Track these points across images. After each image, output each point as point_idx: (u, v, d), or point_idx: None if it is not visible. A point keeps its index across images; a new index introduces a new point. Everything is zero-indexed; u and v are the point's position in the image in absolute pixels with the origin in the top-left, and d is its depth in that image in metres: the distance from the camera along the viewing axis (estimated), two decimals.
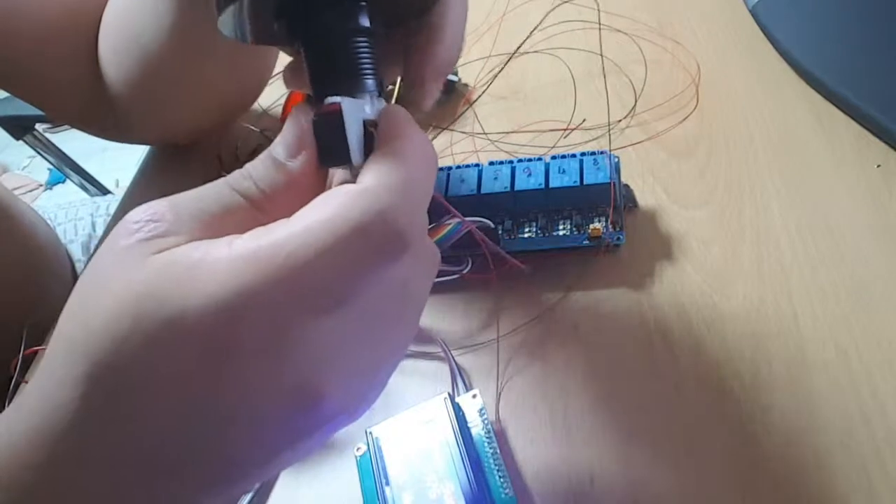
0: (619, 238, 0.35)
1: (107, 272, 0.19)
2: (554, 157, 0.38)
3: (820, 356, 0.31)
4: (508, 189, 0.37)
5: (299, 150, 0.21)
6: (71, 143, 1.21)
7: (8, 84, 0.46)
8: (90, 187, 1.20)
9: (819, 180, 0.37)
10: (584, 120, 0.44)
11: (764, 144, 0.40)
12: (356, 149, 0.21)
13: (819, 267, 0.34)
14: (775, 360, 0.31)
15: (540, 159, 0.38)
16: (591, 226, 0.36)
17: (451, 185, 0.38)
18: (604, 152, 0.37)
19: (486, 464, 0.29)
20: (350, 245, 0.18)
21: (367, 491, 0.30)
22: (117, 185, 1.74)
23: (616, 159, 0.38)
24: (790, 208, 0.36)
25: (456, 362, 0.34)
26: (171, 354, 0.17)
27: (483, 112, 0.47)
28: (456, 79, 0.49)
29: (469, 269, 0.36)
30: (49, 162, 1.18)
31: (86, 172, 1.19)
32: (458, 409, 0.31)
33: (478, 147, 0.45)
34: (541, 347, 0.34)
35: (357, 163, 0.21)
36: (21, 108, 1.04)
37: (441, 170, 0.39)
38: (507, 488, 0.29)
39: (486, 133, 0.45)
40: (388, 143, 0.21)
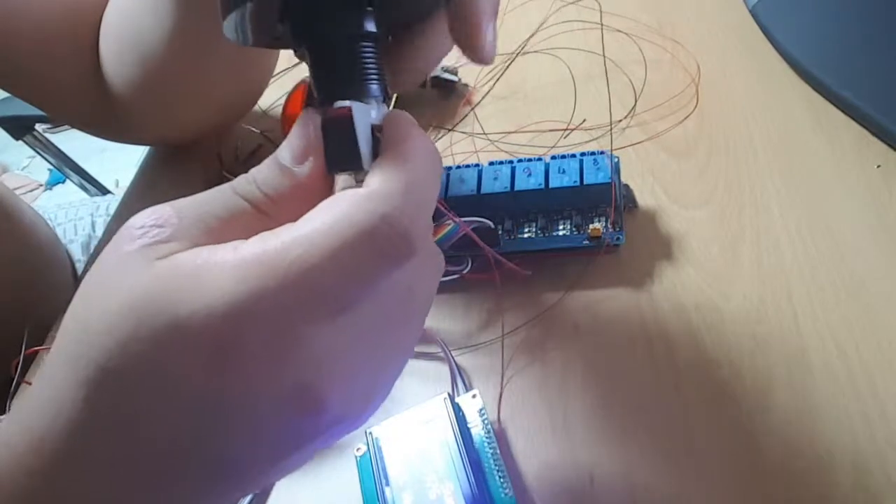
0: (618, 238, 0.35)
1: (110, 276, 0.18)
2: (554, 158, 0.38)
3: (820, 356, 0.31)
4: (508, 189, 0.37)
5: (306, 156, 0.21)
6: (71, 143, 1.21)
7: (8, 84, 0.46)
8: (90, 187, 1.20)
9: (819, 180, 0.37)
10: (584, 120, 0.44)
11: (764, 144, 0.40)
12: (366, 153, 0.21)
13: (819, 267, 0.34)
14: (775, 360, 0.31)
15: (540, 159, 0.38)
16: (590, 226, 0.36)
17: (450, 185, 0.38)
18: (604, 152, 0.37)
19: (485, 464, 0.29)
20: (356, 249, 0.18)
21: (366, 491, 0.30)
22: (117, 185, 1.74)
23: (616, 159, 0.38)
24: (790, 208, 0.36)
25: (456, 362, 0.34)
26: (174, 358, 0.17)
27: (483, 112, 0.47)
28: (456, 79, 0.49)
29: (469, 269, 0.36)
30: (49, 162, 1.18)
31: (85, 172, 1.19)
32: (458, 410, 0.31)
33: (478, 147, 0.45)
34: (541, 347, 0.34)
35: (367, 168, 0.21)
36: (21, 108, 1.04)
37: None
38: (507, 488, 0.29)
39: (486, 133, 0.45)
40: (393, 147, 0.20)
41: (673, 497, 0.28)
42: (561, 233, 0.37)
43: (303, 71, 0.48)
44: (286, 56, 0.51)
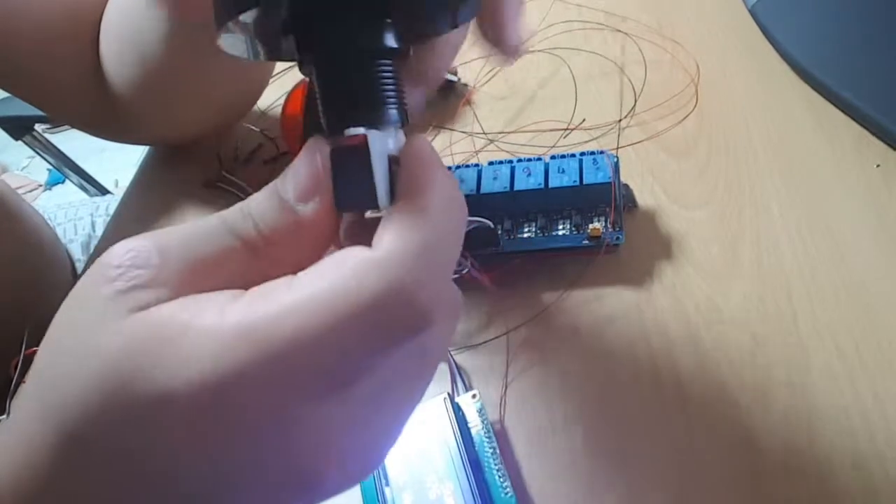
0: (618, 238, 0.35)
1: (83, 326, 0.17)
2: (553, 157, 0.38)
3: (820, 356, 0.31)
4: (508, 189, 0.37)
5: (312, 193, 0.18)
6: (70, 143, 1.21)
7: (8, 84, 0.46)
8: (89, 187, 1.20)
9: (819, 180, 0.37)
10: (584, 120, 0.44)
11: (764, 144, 0.40)
12: (382, 190, 0.18)
13: (819, 267, 0.34)
14: (775, 360, 0.31)
15: (539, 159, 0.38)
16: (590, 226, 0.36)
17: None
18: (603, 152, 0.37)
19: (485, 464, 0.29)
20: (362, 324, 0.16)
21: (366, 491, 0.30)
22: (116, 185, 1.74)
23: (615, 159, 0.38)
24: (790, 208, 0.36)
25: (456, 362, 0.34)
26: (148, 431, 0.16)
27: (483, 112, 0.47)
28: (455, 79, 0.49)
29: (469, 269, 0.36)
30: (48, 162, 1.18)
31: (85, 173, 1.19)
32: (457, 410, 0.31)
33: (477, 147, 0.45)
34: (541, 347, 0.34)
35: (383, 205, 0.18)
36: (21, 109, 1.04)
37: None
38: (507, 489, 0.29)
39: (485, 133, 0.45)
40: (411, 195, 0.17)
41: (673, 496, 0.28)
42: (560, 233, 0.37)
43: None
44: None
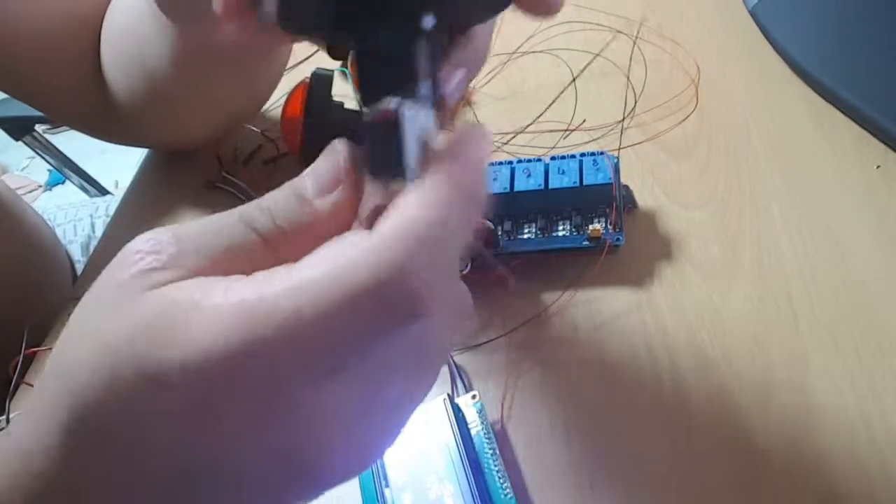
0: (618, 239, 0.35)
1: (100, 307, 0.18)
2: (553, 158, 0.38)
3: (820, 357, 0.31)
4: (508, 190, 0.37)
5: (332, 189, 0.19)
6: (70, 143, 1.21)
7: (7, 87, 0.46)
8: (90, 188, 1.20)
9: (819, 180, 0.37)
10: (584, 120, 0.44)
11: (764, 144, 0.40)
12: (413, 163, 0.19)
13: (819, 267, 0.34)
14: (775, 360, 0.31)
15: (539, 160, 0.38)
16: (590, 226, 0.36)
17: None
18: (603, 153, 0.37)
19: (485, 465, 0.29)
20: (358, 307, 0.16)
21: (366, 492, 0.30)
22: (116, 185, 1.74)
23: (616, 160, 0.38)
24: (790, 208, 0.36)
25: (455, 363, 0.34)
26: (153, 409, 0.16)
27: (483, 112, 0.47)
28: None
29: (469, 269, 0.36)
30: (48, 163, 1.18)
31: (85, 173, 1.19)
32: (457, 410, 0.31)
33: None
34: (540, 348, 0.34)
35: (410, 178, 0.18)
36: (21, 109, 1.04)
37: None
38: (507, 489, 0.29)
39: None
40: (427, 183, 0.18)
41: (672, 496, 0.28)
42: (560, 233, 0.37)
43: (303, 72, 0.48)
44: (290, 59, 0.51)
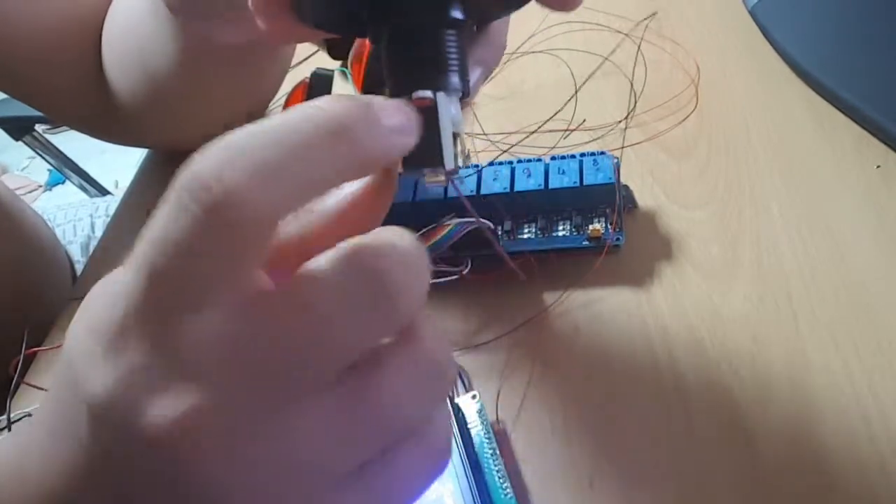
0: (618, 239, 0.35)
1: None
2: (553, 158, 0.38)
3: (820, 357, 0.31)
4: (508, 190, 0.37)
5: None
6: (70, 143, 1.21)
7: (7, 87, 0.46)
8: (90, 188, 1.20)
9: (819, 180, 0.37)
10: (585, 120, 0.44)
11: (764, 144, 0.40)
12: (448, 150, 0.19)
13: (819, 267, 0.34)
14: (775, 360, 0.31)
15: (539, 160, 0.38)
16: (590, 226, 0.36)
17: (450, 185, 0.38)
18: (603, 153, 0.37)
19: (485, 465, 0.29)
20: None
21: None
22: (116, 185, 1.74)
23: (616, 160, 0.38)
24: (790, 208, 0.36)
25: (455, 363, 0.34)
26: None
27: (483, 112, 0.47)
28: None
29: (469, 269, 0.36)
30: (48, 163, 1.18)
31: (85, 173, 1.20)
32: (457, 410, 0.31)
33: (477, 148, 0.45)
34: (540, 348, 0.34)
35: (449, 166, 0.19)
36: (21, 109, 1.04)
37: None
38: (507, 489, 0.29)
39: (485, 133, 0.45)
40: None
41: (673, 496, 0.28)
42: (561, 233, 0.37)
43: (303, 72, 0.48)
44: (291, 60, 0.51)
